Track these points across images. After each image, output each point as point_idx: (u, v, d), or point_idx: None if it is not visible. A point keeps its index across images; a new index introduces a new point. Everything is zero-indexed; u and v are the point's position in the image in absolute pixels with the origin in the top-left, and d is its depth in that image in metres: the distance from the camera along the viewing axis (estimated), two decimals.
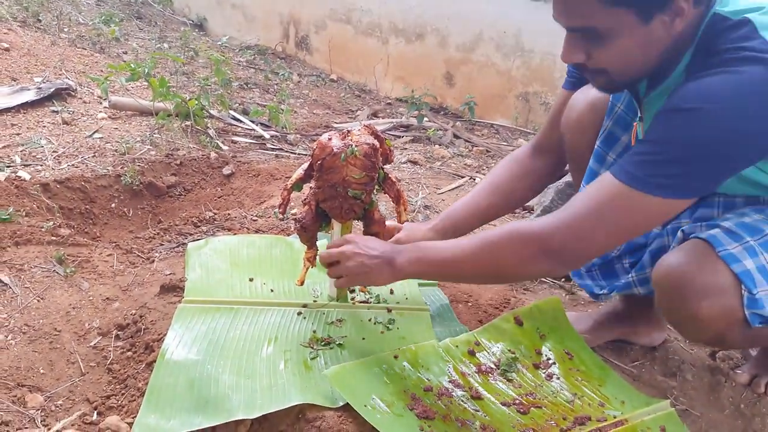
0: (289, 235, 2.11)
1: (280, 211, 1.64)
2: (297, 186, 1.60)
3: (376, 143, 1.49)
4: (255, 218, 2.27)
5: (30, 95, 3.00)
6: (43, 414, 1.35)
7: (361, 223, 1.64)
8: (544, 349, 1.62)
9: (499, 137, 3.86)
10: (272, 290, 1.77)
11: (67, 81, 3.28)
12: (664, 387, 1.63)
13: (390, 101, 4.41)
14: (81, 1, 5.32)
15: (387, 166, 1.60)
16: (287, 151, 3.14)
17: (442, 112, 4.21)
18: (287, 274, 1.85)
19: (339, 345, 1.56)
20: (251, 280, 1.80)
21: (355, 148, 1.45)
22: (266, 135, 3.27)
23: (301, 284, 1.67)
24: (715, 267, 1.23)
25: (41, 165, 2.45)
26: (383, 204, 2.38)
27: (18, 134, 2.70)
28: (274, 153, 3.10)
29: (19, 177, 2.29)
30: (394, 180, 1.58)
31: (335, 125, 3.69)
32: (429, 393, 1.41)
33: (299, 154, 3.13)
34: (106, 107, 3.17)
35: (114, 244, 2.08)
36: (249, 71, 4.56)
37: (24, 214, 2.10)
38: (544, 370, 1.56)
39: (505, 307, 1.88)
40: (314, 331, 1.60)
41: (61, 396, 1.42)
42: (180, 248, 2.05)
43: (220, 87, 3.60)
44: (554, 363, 1.59)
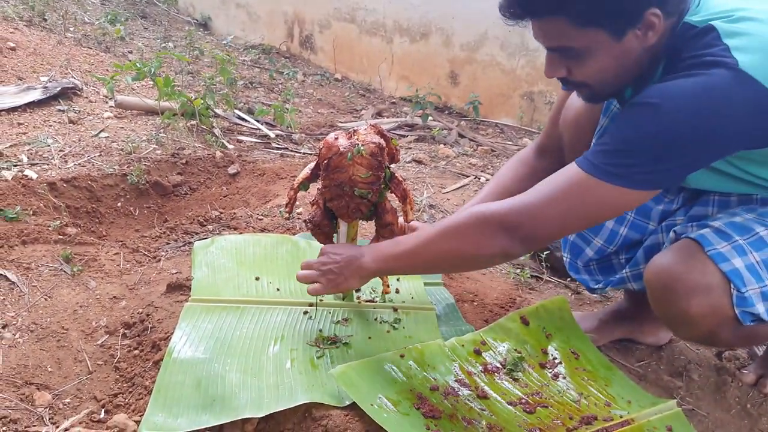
0: (294, 234, 2.12)
1: (286, 210, 1.64)
2: (303, 185, 1.61)
3: (383, 142, 1.49)
4: (260, 217, 2.27)
5: (36, 94, 3.01)
6: (51, 412, 1.36)
7: (366, 223, 1.64)
8: (550, 349, 1.62)
9: (504, 136, 3.85)
10: (278, 289, 1.77)
11: (73, 80, 3.29)
12: (671, 387, 1.63)
13: (394, 100, 4.41)
14: (86, 1, 5.33)
15: (393, 165, 1.60)
16: (292, 151, 3.14)
17: (447, 112, 4.20)
18: (293, 273, 1.85)
19: (345, 344, 1.56)
20: (257, 279, 1.80)
21: (362, 147, 1.45)
22: (271, 134, 3.28)
23: None
24: (703, 266, 1.25)
25: (48, 164, 2.46)
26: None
27: (25, 133, 2.71)
28: (279, 152, 3.10)
29: (26, 176, 2.30)
30: (400, 179, 1.58)
31: (340, 124, 3.69)
32: (435, 392, 1.42)
33: (304, 153, 3.13)
34: (112, 106, 3.18)
35: (120, 243, 2.09)
36: (254, 70, 4.57)
37: (31, 212, 2.11)
38: (551, 370, 1.56)
39: (511, 306, 1.88)
40: (320, 330, 1.61)
41: (69, 394, 1.43)
42: (186, 247, 2.06)
43: (225, 86, 3.60)
44: (560, 362, 1.59)
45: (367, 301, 1.75)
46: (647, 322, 1.75)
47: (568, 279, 2.09)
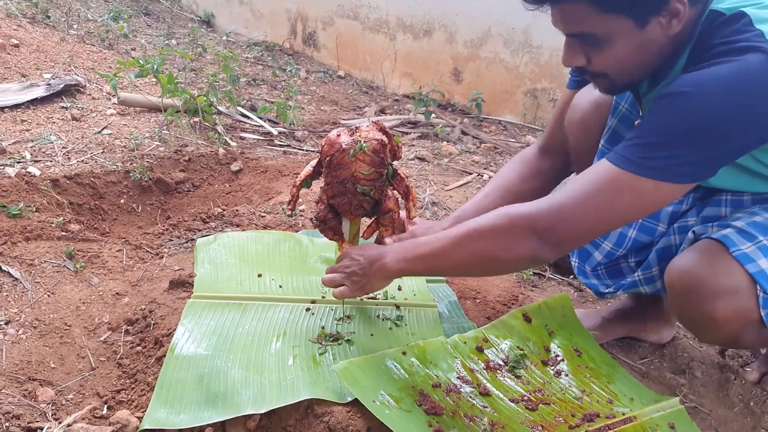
0: (297, 231, 2.12)
1: (289, 207, 1.64)
2: (306, 183, 1.60)
3: (385, 139, 1.49)
4: (263, 214, 2.27)
5: (39, 91, 3.01)
6: (53, 408, 1.36)
7: (369, 219, 1.63)
8: (553, 346, 1.62)
9: (507, 134, 3.85)
10: (281, 286, 1.77)
11: (76, 77, 3.29)
12: (673, 384, 1.63)
13: (397, 98, 4.40)
14: None
15: (395, 162, 1.60)
16: (295, 148, 3.14)
17: (450, 109, 4.20)
18: (296, 270, 1.86)
19: (347, 341, 1.57)
20: (260, 275, 1.81)
21: (364, 144, 1.45)
22: (274, 131, 3.28)
23: None
24: (729, 267, 1.22)
25: (51, 161, 2.46)
26: None
27: (28, 130, 2.71)
28: (282, 149, 3.10)
29: (29, 173, 2.30)
30: (403, 176, 1.58)
31: (343, 122, 3.69)
32: (437, 389, 1.42)
33: (307, 150, 3.13)
34: (115, 103, 3.18)
35: (123, 240, 2.10)
36: (257, 68, 4.57)
37: (34, 209, 2.11)
38: (553, 367, 1.56)
39: (513, 303, 1.88)
40: (323, 327, 1.61)
41: (72, 390, 1.43)
42: (189, 244, 2.06)
43: (228, 83, 3.60)
44: (563, 360, 1.58)
45: (369, 298, 1.75)
46: (650, 320, 1.74)
47: (571, 276, 2.08)
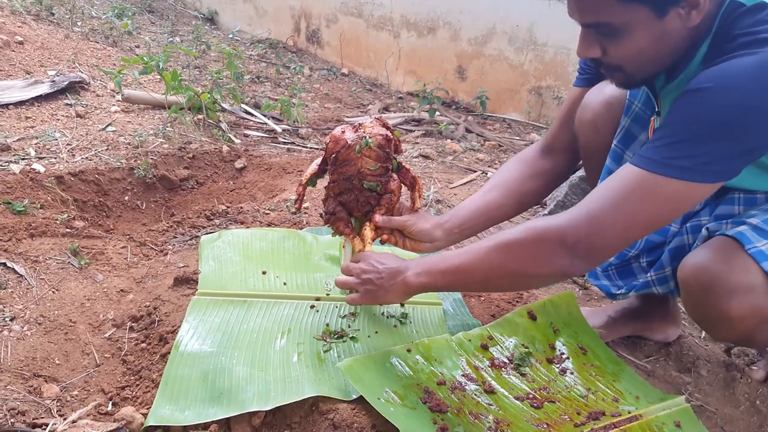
0: (301, 228, 2.12)
1: (295, 206, 1.63)
2: (311, 181, 1.60)
3: (390, 134, 1.48)
4: (267, 211, 2.27)
5: (44, 88, 3.01)
6: (58, 404, 1.36)
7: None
8: (558, 344, 1.62)
9: (511, 131, 3.84)
10: (285, 283, 1.77)
11: (80, 74, 3.29)
12: (679, 383, 1.62)
13: (401, 95, 4.40)
14: None
15: (398, 157, 1.59)
16: (299, 145, 3.14)
17: (454, 107, 4.19)
18: (300, 267, 1.86)
19: (352, 338, 1.56)
20: (264, 273, 1.80)
21: (369, 140, 1.44)
22: (278, 129, 3.27)
23: None
24: (745, 265, 1.20)
25: (55, 158, 2.47)
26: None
27: (32, 127, 2.72)
28: (286, 147, 3.10)
29: (33, 169, 2.30)
30: (408, 167, 1.57)
31: (347, 119, 3.69)
32: (442, 386, 1.41)
33: (311, 147, 3.13)
34: (119, 100, 3.19)
35: (128, 237, 2.10)
36: (260, 65, 4.57)
37: (39, 206, 2.12)
38: (558, 365, 1.56)
39: (518, 301, 1.87)
40: (327, 324, 1.61)
41: (77, 386, 1.43)
42: (193, 241, 2.06)
43: (232, 80, 3.60)
44: (568, 358, 1.58)
45: None
46: (656, 319, 1.73)
47: None
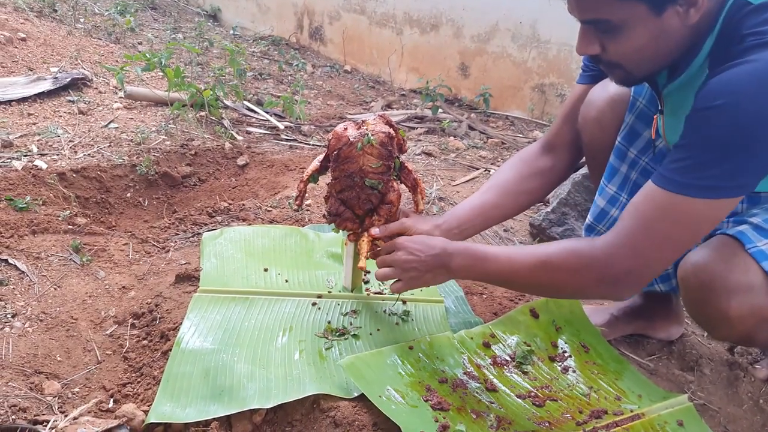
0: (303, 225, 2.11)
1: (296, 203, 1.63)
2: (313, 178, 1.60)
3: (392, 132, 1.48)
4: (269, 209, 2.27)
5: (46, 85, 3.01)
6: (60, 401, 1.36)
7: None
8: (560, 342, 1.61)
9: (514, 129, 3.83)
10: (287, 280, 1.77)
11: (82, 71, 3.29)
12: (682, 381, 1.62)
13: (404, 92, 4.39)
14: None
15: (401, 156, 1.59)
16: (301, 142, 3.14)
17: (457, 104, 4.18)
18: (302, 264, 1.85)
19: (354, 336, 1.56)
20: (266, 270, 1.80)
21: (371, 137, 1.44)
22: (280, 126, 3.27)
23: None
24: (745, 264, 1.20)
25: (57, 154, 2.46)
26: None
27: (35, 124, 2.72)
28: (288, 144, 3.09)
29: (35, 166, 2.30)
30: (410, 168, 1.57)
31: (349, 116, 3.68)
32: (444, 384, 1.41)
33: (313, 145, 3.12)
34: (121, 97, 3.18)
35: (130, 234, 2.09)
36: (263, 62, 4.56)
37: (41, 202, 2.11)
38: (560, 363, 1.55)
39: (520, 299, 1.87)
40: (329, 322, 1.60)
41: (78, 383, 1.43)
42: (195, 238, 2.06)
43: (235, 77, 3.60)
44: (570, 356, 1.57)
45: (375, 293, 1.75)
46: (659, 317, 1.73)
47: None
